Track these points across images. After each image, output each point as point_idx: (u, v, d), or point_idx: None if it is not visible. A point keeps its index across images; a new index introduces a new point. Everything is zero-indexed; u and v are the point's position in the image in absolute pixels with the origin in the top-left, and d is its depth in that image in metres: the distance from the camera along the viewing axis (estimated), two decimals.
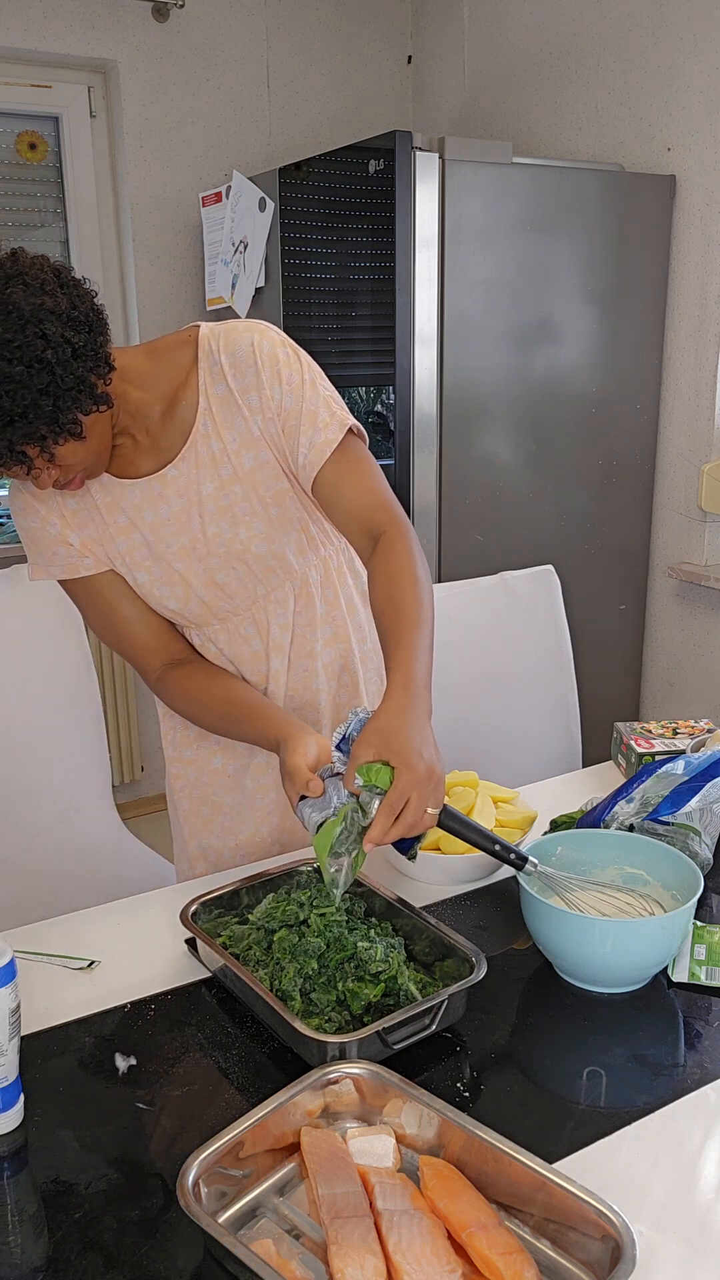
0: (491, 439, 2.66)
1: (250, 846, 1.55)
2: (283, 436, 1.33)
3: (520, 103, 3.22)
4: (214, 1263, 0.83)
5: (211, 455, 1.35)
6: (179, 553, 1.38)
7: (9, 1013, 0.95)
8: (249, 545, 1.38)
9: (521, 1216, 0.86)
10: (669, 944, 1.14)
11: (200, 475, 1.35)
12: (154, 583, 1.40)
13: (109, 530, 1.38)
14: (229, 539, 1.37)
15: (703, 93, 2.68)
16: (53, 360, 1.11)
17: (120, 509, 1.37)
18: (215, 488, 1.35)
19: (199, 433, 1.34)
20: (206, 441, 1.34)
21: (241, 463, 1.35)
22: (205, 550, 1.38)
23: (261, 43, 3.36)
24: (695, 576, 2.85)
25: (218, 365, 1.33)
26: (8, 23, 3.00)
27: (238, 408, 1.33)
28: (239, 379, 1.32)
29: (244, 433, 1.34)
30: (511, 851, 1.22)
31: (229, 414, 1.33)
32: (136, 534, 1.38)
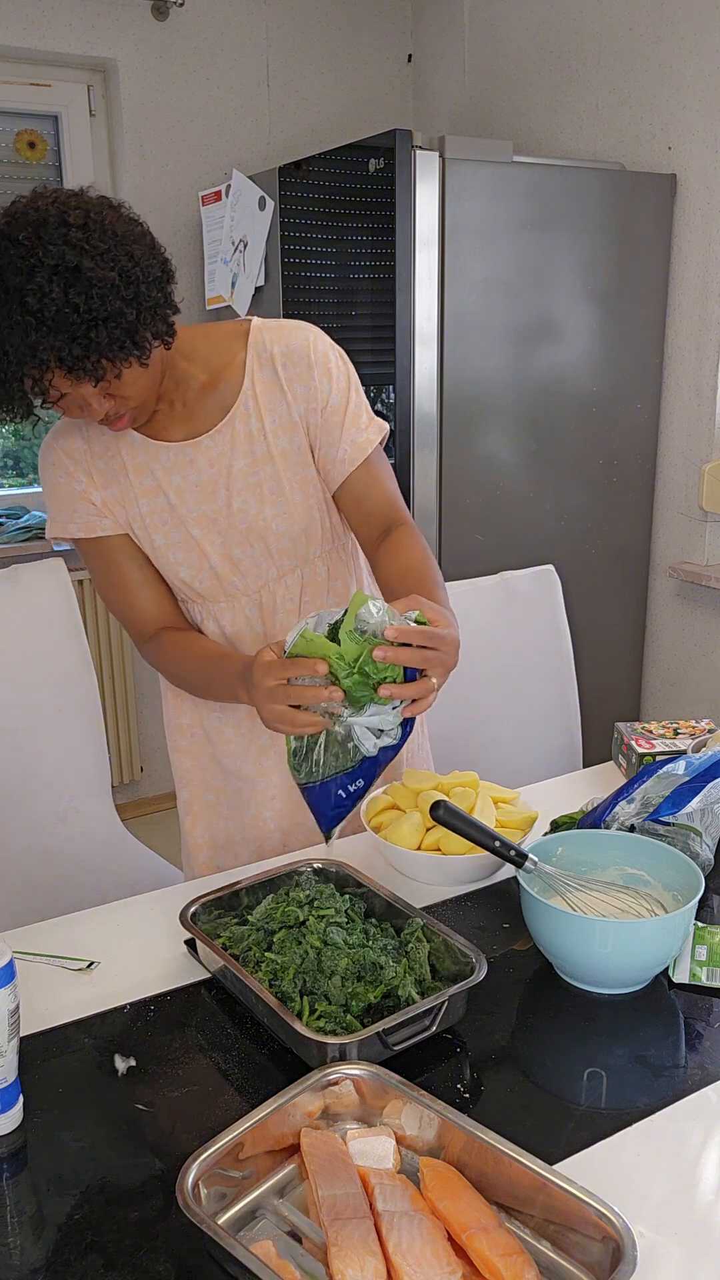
0: (491, 439, 2.65)
1: (255, 831, 1.56)
2: (322, 430, 1.40)
3: (520, 101, 3.22)
4: (214, 1264, 0.82)
5: (248, 433, 1.39)
6: (200, 520, 1.41)
7: (8, 1013, 0.94)
8: (270, 524, 1.41)
9: (522, 1218, 0.86)
10: (670, 945, 1.13)
11: (234, 450, 1.39)
12: (170, 547, 1.42)
13: (133, 491, 1.40)
14: (253, 515, 1.40)
15: (703, 92, 2.67)
16: (139, 278, 1.19)
17: (148, 471, 1.40)
18: (247, 464, 1.39)
19: (239, 411, 1.38)
20: (245, 420, 1.39)
21: (276, 444, 1.39)
22: (227, 523, 1.41)
23: (261, 41, 3.36)
24: (696, 576, 2.85)
25: (267, 353, 1.39)
26: (7, 22, 3.00)
27: (282, 393, 1.38)
28: (288, 367, 1.38)
29: (284, 417, 1.39)
30: (512, 849, 1.22)
31: (272, 398, 1.39)
32: (160, 497, 1.40)
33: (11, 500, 3.46)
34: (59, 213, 1.16)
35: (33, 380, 1.18)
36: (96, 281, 1.14)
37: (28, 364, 1.16)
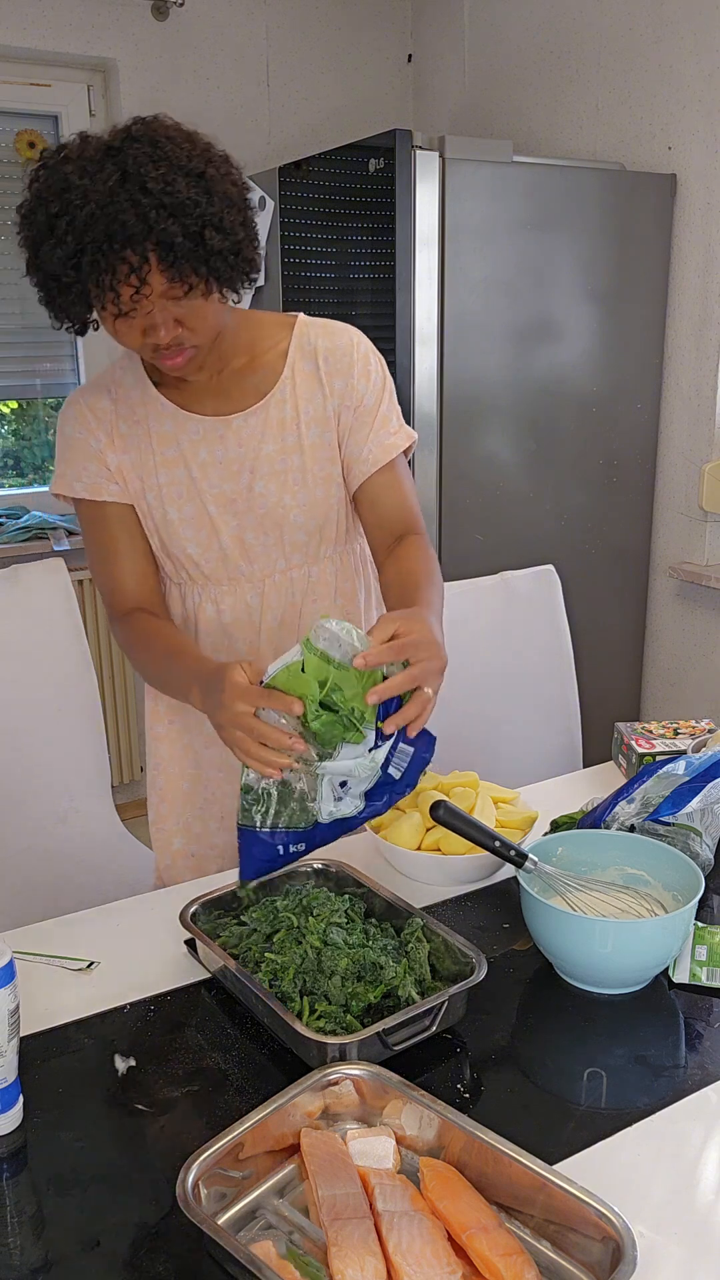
0: (491, 439, 2.65)
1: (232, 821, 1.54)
2: (352, 428, 1.41)
3: (520, 101, 3.22)
4: (214, 1264, 0.82)
5: (281, 419, 1.40)
6: (219, 499, 1.40)
7: (8, 1013, 0.94)
8: (289, 513, 1.41)
9: (522, 1218, 0.86)
10: (670, 945, 1.13)
11: (265, 433, 1.39)
12: (183, 522, 1.41)
13: (154, 460, 1.40)
14: (273, 501, 1.40)
15: (703, 92, 2.67)
16: (248, 208, 1.24)
17: (174, 441, 1.39)
18: (276, 449, 1.40)
19: (275, 396, 1.39)
20: (280, 406, 1.40)
21: (308, 435, 1.40)
22: (246, 505, 1.40)
23: (261, 41, 3.36)
24: (696, 576, 2.84)
25: (311, 347, 1.41)
26: (7, 22, 3.00)
27: (320, 386, 1.40)
28: (330, 363, 1.40)
29: (319, 410, 1.40)
30: (512, 849, 1.22)
31: (310, 390, 1.40)
32: (182, 469, 1.39)
33: (11, 500, 3.46)
34: (186, 132, 1.21)
35: (129, 268, 1.15)
36: (218, 190, 1.19)
37: (134, 246, 1.14)
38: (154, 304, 1.20)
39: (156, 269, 1.17)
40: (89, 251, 1.14)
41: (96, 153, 1.17)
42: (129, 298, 1.18)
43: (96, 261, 1.15)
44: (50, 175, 1.17)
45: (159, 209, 1.15)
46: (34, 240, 1.18)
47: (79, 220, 1.14)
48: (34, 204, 1.18)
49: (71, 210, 1.14)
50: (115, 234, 1.14)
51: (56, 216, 1.15)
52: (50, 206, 1.16)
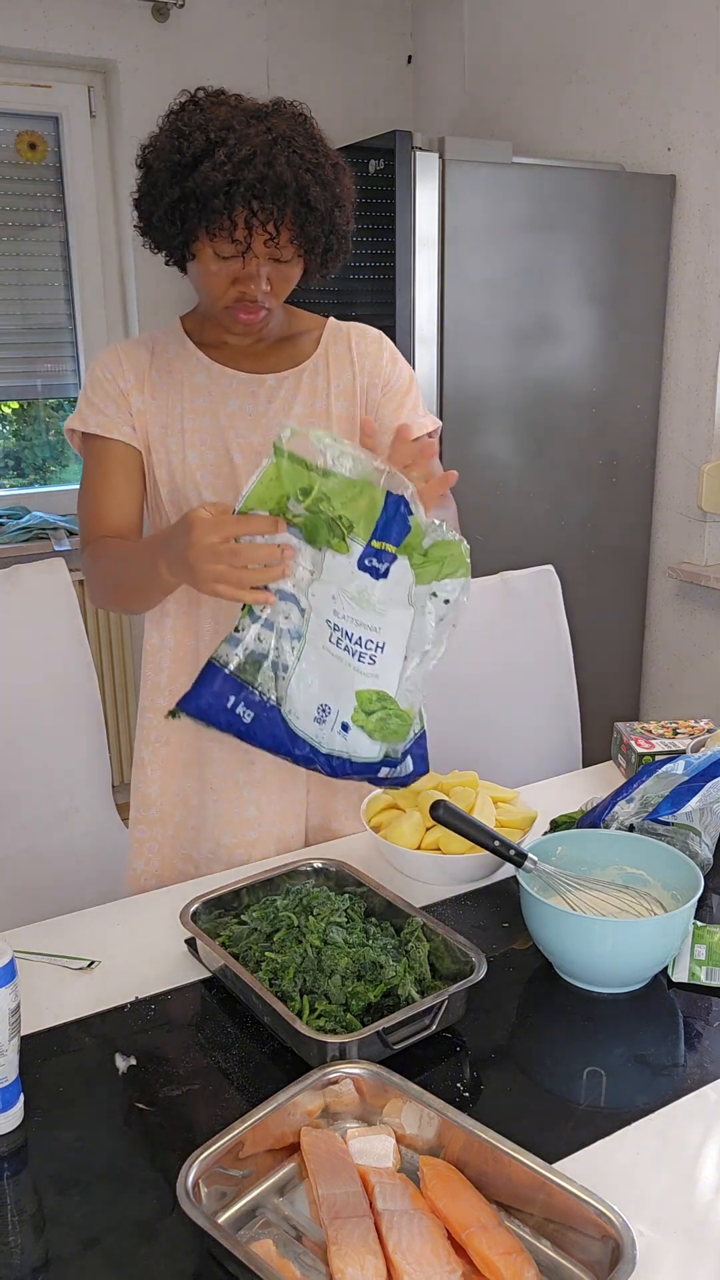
0: (491, 439, 2.65)
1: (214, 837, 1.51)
2: (382, 405, 1.48)
3: (520, 103, 3.22)
4: (214, 1263, 0.82)
5: (313, 388, 1.46)
6: (244, 448, 1.42)
7: (9, 1013, 0.95)
8: None
9: (521, 1217, 0.86)
10: (669, 944, 1.14)
11: (297, 397, 1.45)
12: (202, 467, 1.42)
13: (181, 406, 1.43)
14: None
15: (703, 93, 2.68)
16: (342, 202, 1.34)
17: (206, 392, 1.43)
18: (305, 412, 1.45)
19: (309, 367, 1.47)
20: (313, 376, 1.46)
21: (335, 406, 1.46)
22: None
23: (261, 42, 3.36)
24: (695, 576, 2.85)
25: (343, 333, 1.50)
26: (8, 23, 3.00)
27: (351, 363, 1.48)
28: (360, 345, 1.50)
29: (348, 384, 1.47)
30: (511, 848, 1.22)
31: (341, 365, 1.48)
32: (209, 417, 1.43)
33: (12, 500, 3.46)
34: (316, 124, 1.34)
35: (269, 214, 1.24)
36: (344, 180, 1.33)
37: (283, 194, 1.23)
38: (263, 256, 1.29)
39: (288, 224, 1.27)
40: (243, 184, 1.22)
41: (247, 111, 1.29)
42: (261, 244, 1.27)
43: (247, 196, 1.22)
44: (209, 111, 1.27)
45: (309, 172, 1.26)
46: (192, 157, 1.24)
47: (238, 155, 1.22)
48: (190, 129, 1.25)
49: (230, 144, 1.23)
50: (268, 177, 1.23)
51: (217, 145, 1.23)
52: (210, 134, 1.24)
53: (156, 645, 1.50)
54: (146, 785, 1.53)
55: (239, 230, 1.26)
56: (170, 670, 1.49)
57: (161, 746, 1.52)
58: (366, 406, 1.48)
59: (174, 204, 1.27)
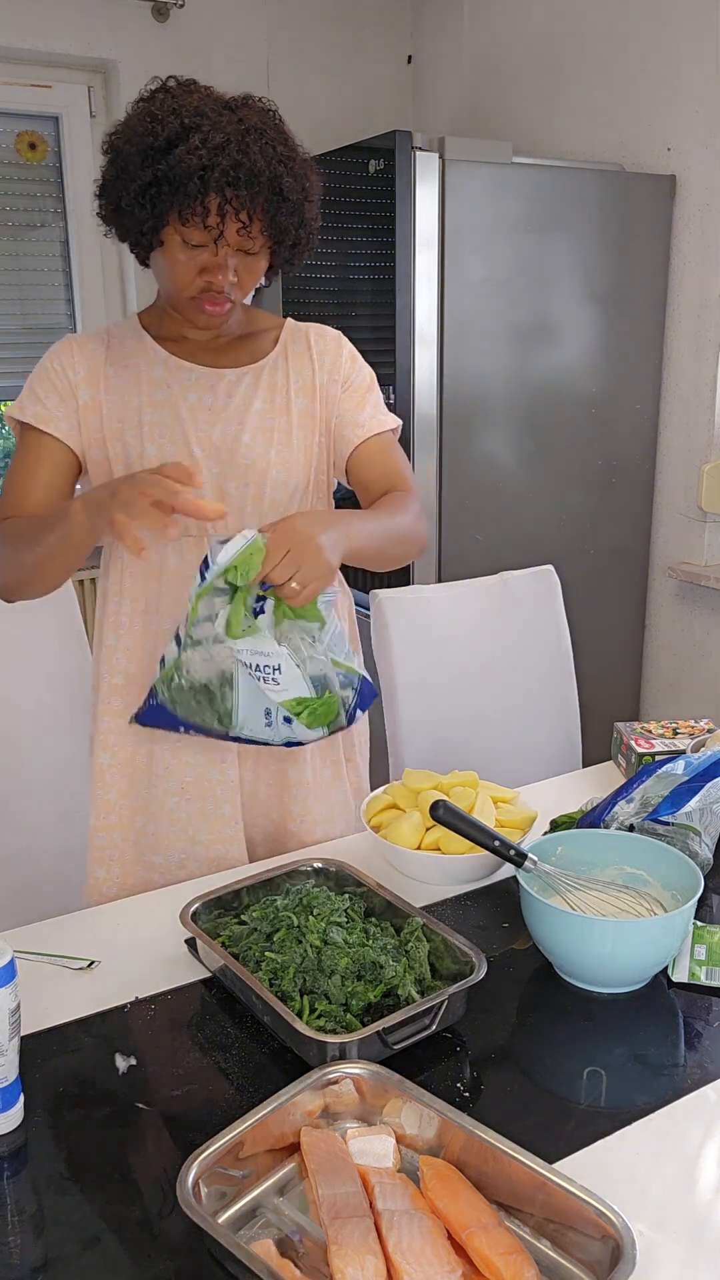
0: (491, 439, 2.65)
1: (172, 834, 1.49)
2: (343, 401, 1.48)
3: (520, 103, 3.22)
4: (214, 1263, 0.82)
5: (273, 383, 1.45)
6: (204, 442, 1.41)
7: (9, 1013, 0.95)
8: (270, 468, 1.43)
9: (521, 1216, 0.86)
10: (669, 944, 1.14)
11: (257, 391, 1.44)
12: (161, 459, 1.39)
13: (139, 400, 1.41)
14: (258, 454, 1.42)
15: (703, 93, 2.68)
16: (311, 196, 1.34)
17: (165, 385, 1.42)
18: (265, 407, 1.44)
19: (269, 364, 1.46)
20: (273, 372, 1.46)
21: (295, 403, 1.46)
22: (230, 454, 1.42)
23: (261, 43, 3.36)
24: (695, 576, 2.85)
25: (302, 332, 1.50)
26: (7, 23, 3.00)
27: (310, 361, 1.48)
28: (319, 343, 1.50)
29: (307, 381, 1.47)
30: (511, 849, 1.22)
31: (300, 364, 1.47)
32: (169, 410, 1.41)
33: None
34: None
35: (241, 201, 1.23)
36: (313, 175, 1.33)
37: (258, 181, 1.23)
38: (234, 245, 1.28)
39: (260, 213, 1.26)
40: (218, 169, 1.21)
41: (218, 101, 1.28)
42: (234, 231, 1.26)
43: (221, 182, 1.22)
44: (181, 98, 1.26)
45: (281, 163, 1.26)
46: (165, 140, 1.23)
47: (212, 142, 1.22)
48: (164, 113, 1.24)
49: (205, 130, 1.22)
50: (243, 164, 1.22)
51: (191, 130, 1.23)
52: (185, 119, 1.23)
53: (112, 647, 1.48)
54: (105, 791, 1.50)
55: (211, 216, 1.24)
56: (127, 671, 1.47)
57: (120, 750, 1.49)
58: (326, 402, 1.47)
59: (145, 187, 1.25)
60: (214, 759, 1.47)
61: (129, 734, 1.48)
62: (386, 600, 1.89)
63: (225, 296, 1.33)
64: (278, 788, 1.52)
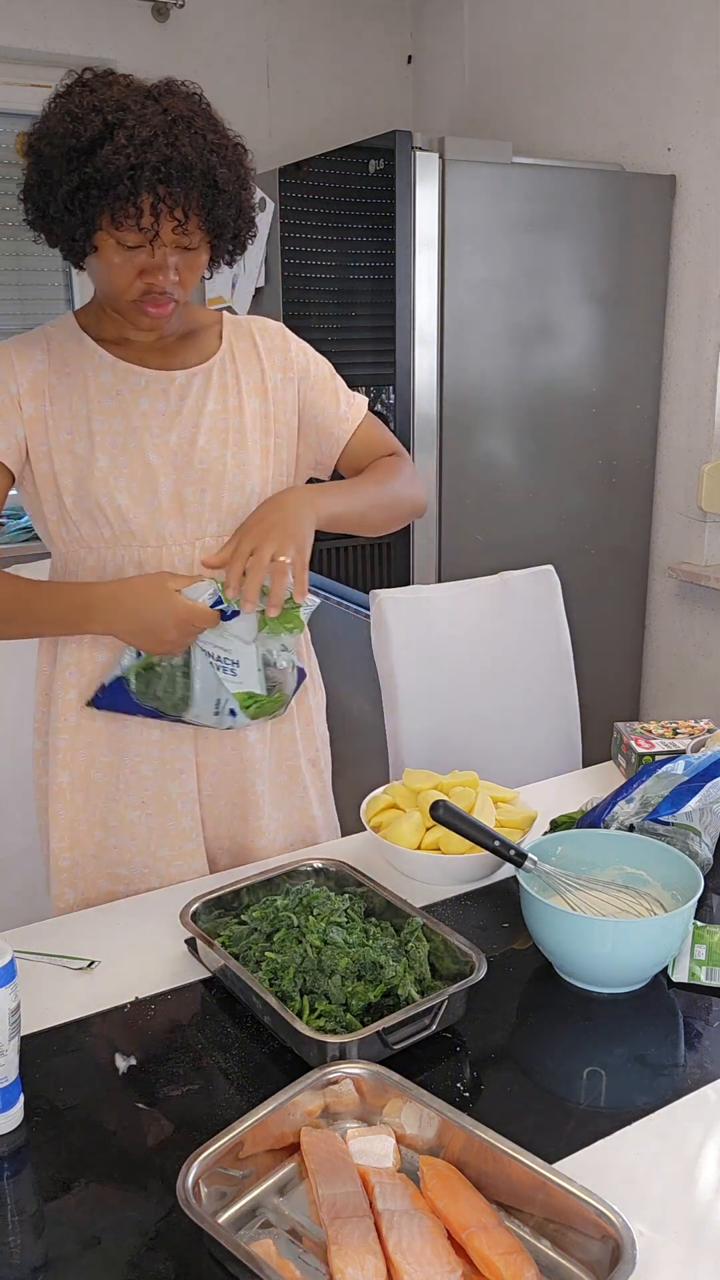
0: (491, 439, 2.65)
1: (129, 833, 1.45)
2: (315, 396, 1.47)
3: (520, 103, 3.22)
4: (214, 1263, 0.83)
5: (224, 383, 1.42)
6: (160, 448, 1.37)
7: (9, 1013, 0.95)
8: (228, 472, 1.39)
9: (521, 1217, 0.86)
10: (669, 944, 1.14)
11: (208, 393, 1.40)
12: (116, 471, 1.35)
13: (87, 409, 1.35)
14: (214, 457, 1.38)
15: (703, 93, 2.68)
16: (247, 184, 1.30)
17: (113, 391, 1.36)
18: (219, 408, 1.41)
19: (217, 363, 1.42)
20: (222, 371, 1.42)
21: (248, 403, 1.42)
22: (185, 459, 1.38)
23: (261, 43, 3.36)
24: (695, 576, 2.85)
25: (245, 328, 1.47)
26: (7, 22, 3.00)
27: (258, 359, 1.45)
28: (265, 340, 1.46)
29: (257, 381, 1.44)
30: (511, 849, 1.22)
31: (248, 363, 1.44)
32: (120, 419, 1.36)
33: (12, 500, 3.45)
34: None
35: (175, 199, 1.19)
36: (245, 161, 1.28)
37: (190, 177, 1.19)
38: (171, 244, 1.24)
39: (196, 209, 1.22)
40: (148, 167, 1.16)
41: (140, 90, 1.21)
42: (170, 230, 1.21)
43: (153, 180, 1.16)
44: (100, 92, 1.19)
45: (213, 152, 1.21)
46: (89, 140, 1.16)
47: (139, 137, 1.16)
48: (84, 111, 1.17)
49: (129, 125, 1.16)
50: (173, 159, 1.17)
51: (115, 127, 1.16)
52: (107, 115, 1.17)
53: (67, 664, 1.43)
54: (65, 809, 1.45)
55: (145, 217, 1.19)
56: (79, 687, 1.42)
57: (76, 765, 1.44)
58: (280, 404, 1.44)
59: (72, 192, 1.19)
60: (172, 771, 1.44)
61: (85, 750, 1.44)
62: (386, 600, 1.89)
63: (168, 297, 1.29)
64: (238, 797, 1.49)
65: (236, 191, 1.25)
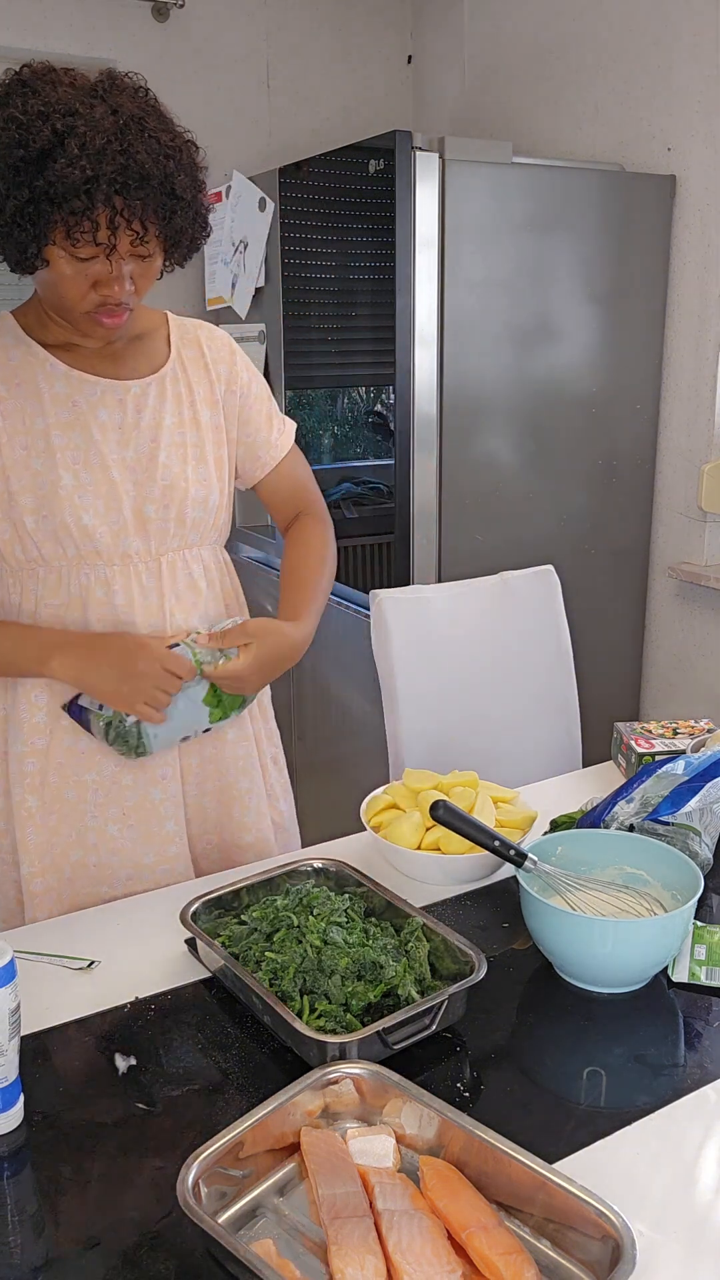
0: (491, 439, 2.65)
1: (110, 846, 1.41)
2: (250, 415, 1.47)
3: (520, 103, 3.22)
4: (214, 1263, 0.83)
5: (178, 394, 1.40)
6: (121, 463, 1.33)
7: (9, 1013, 0.95)
8: (190, 487, 1.38)
9: (521, 1217, 0.86)
10: (669, 944, 1.14)
11: (164, 405, 1.38)
12: (79, 488, 1.30)
13: (45, 422, 1.30)
14: (175, 473, 1.36)
15: (703, 93, 2.68)
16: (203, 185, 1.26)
17: (69, 403, 1.31)
18: (175, 422, 1.39)
19: (169, 372, 1.40)
20: (175, 382, 1.40)
21: (202, 414, 1.42)
22: (147, 474, 1.35)
23: (261, 42, 3.36)
24: (695, 576, 2.85)
25: (191, 334, 1.44)
26: (7, 22, 3.00)
27: (206, 369, 1.43)
28: (212, 349, 1.44)
29: (207, 393, 1.43)
30: (511, 848, 1.22)
31: (198, 372, 1.42)
32: (79, 432, 1.31)
33: None
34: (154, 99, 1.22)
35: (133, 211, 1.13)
36: (199, 161, 1.23)
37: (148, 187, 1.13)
38: (127, 255, 1.18)
39: (154, 219, 1.17)
40: (104, 179, 1.10)
41: (84, 89, 1.14)
42: (127, 243, 1.16)
43: (109, 193, 1.11)
44: (44, 94, 1.11)
45: (169, 157, 1.15)
46: (38, 151, 1.09)
47: (92, 147, 1.09)
48: (29, 117, 1.10)
49: (80, 133, 1.09)
50: (130, 168, 1.11)
51: (65, 135, 1.09)
52: (55, 123, 1.09)
53: (33, 683, 1.37)
54: (35, 834, 1.39)
55: (102, 231, 1.13)
56: (48, 709, 1.38)
57: (47, 789, 1.39)
58: (228, 415, 1.44)
59: (22, 207, 1.12)
60: (154, 777, 1.42)
61: (55, 771, 1.39)
62: (386, 600, 1.89)
63: (124, 307, 1.24)
64: (221, 795, 1.49)
65: (194, 197, 1.21)
